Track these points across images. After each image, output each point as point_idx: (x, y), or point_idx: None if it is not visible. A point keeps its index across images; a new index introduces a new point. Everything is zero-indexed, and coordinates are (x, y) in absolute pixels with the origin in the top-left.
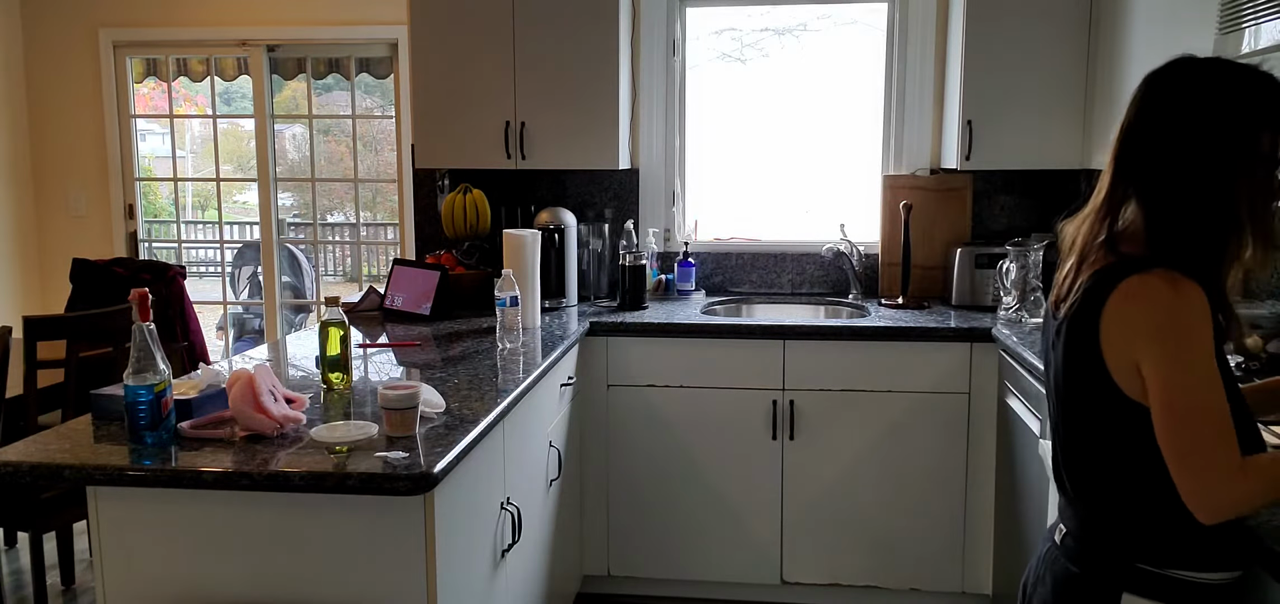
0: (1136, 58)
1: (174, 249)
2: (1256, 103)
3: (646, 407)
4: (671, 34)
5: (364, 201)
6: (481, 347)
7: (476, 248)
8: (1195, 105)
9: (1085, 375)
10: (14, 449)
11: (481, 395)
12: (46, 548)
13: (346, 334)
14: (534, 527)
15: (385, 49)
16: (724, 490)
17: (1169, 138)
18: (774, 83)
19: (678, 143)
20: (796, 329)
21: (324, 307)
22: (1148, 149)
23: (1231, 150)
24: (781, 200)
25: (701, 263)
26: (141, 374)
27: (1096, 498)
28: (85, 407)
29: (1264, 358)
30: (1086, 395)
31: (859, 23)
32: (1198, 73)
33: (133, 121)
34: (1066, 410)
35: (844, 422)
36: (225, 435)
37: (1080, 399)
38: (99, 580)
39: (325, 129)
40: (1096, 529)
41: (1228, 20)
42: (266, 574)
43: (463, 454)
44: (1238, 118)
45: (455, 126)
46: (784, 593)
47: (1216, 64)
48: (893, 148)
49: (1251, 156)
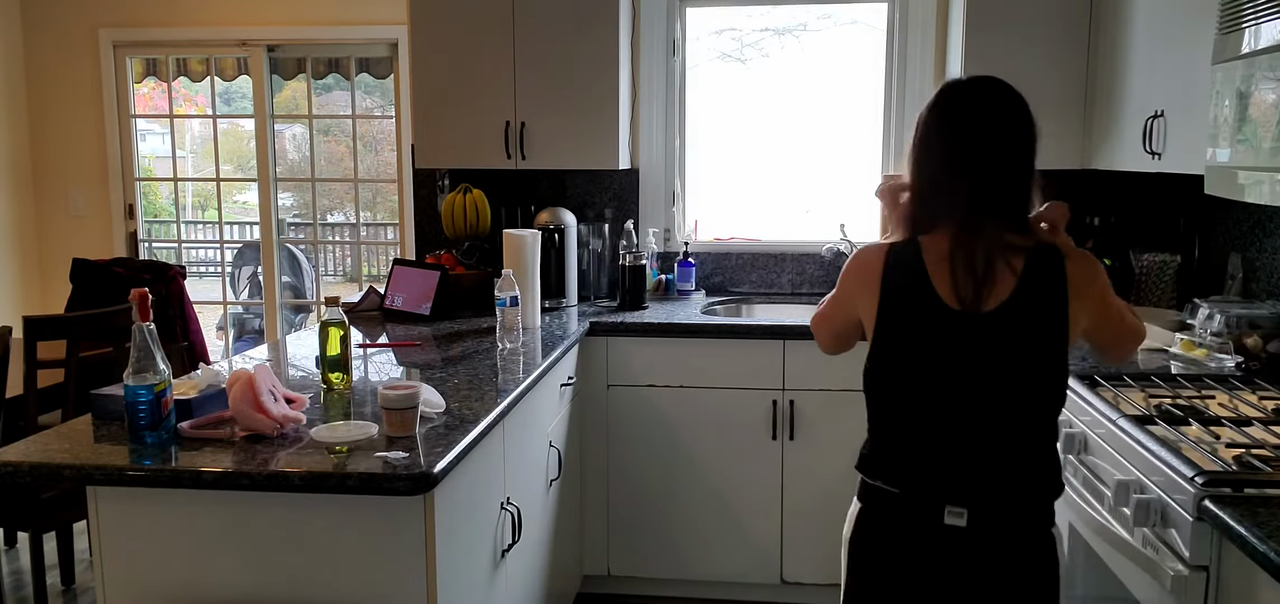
0: (1137, 58)
1: (174, 249)
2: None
3: (646, 407)
4: (671, 34)
5: (364, 201)
6: (481, 346)
7: (476, 248)
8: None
9: (1054, 339)
10: (14, 449)
11: (481, 395)
12: (46, 548)
13: (346, 334)
14: (534, 527)
15: (385, 49)
16: (724, 490)
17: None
18: (774, 83)
19: (678, 143)
20: (796, 329)
21: (324, 306)
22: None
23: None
24: (781, 200)
25: (701, 263)
26: (141, 374)
27: (1043, 446)
28: (85, 407)
29: (1264, 358)
30: (1055, 356)
31: (859, 23)
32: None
33: (133, 121)
34: (1038, 368)
35: (844, 422)
36: (225, 435)
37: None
38: (99, 580)
39: (325, 129)
40: (1046, 475)
41: (1228, 20)
42: (266, 574)
43: (463, 454)
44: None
45: (455, 126)
46: (784, 593)
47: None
48: (893, 148)
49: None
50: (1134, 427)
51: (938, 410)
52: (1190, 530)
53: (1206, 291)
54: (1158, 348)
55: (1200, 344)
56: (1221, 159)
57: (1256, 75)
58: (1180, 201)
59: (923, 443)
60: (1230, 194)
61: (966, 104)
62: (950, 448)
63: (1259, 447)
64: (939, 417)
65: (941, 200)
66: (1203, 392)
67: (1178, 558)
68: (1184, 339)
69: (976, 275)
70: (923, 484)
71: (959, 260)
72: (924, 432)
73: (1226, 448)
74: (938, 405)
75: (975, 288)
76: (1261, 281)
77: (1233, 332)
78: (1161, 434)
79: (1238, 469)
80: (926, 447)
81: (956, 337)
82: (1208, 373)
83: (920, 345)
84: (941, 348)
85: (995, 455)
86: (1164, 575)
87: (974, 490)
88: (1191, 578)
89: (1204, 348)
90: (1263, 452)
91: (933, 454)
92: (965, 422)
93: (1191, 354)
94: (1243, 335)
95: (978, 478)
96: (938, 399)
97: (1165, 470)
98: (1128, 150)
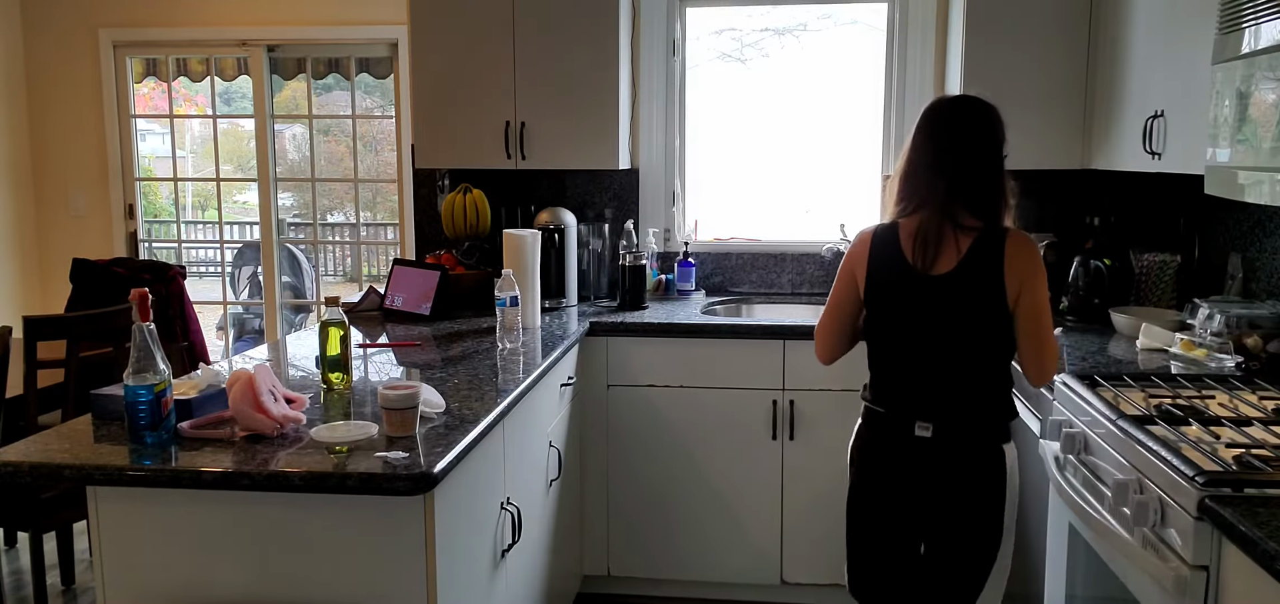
0: (1136, 58)
1: (174, 249)
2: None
3: (646, 407)
4: (671, 34)
5: (364, 201)
6: (481, 346)
7: (476, 248)
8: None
9: (993, 299)
10: (14, 449)
11: (481, 395)
12: (46, 548)
13: (346, 334)
14: (534, 527)
15: (385, 49)
16: (724, 490)
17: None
18: (774, 83)
19: (678, 143)
20: (796, 329)
21: (324, 306)
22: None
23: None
24: (781, 200)
25: (701, 263)
26: (141, 374)
27: (985, 385)
28: (85, 407)
29: (1264, 358)
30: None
31: (859, 23)
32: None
33: (133, 121)
34: (980, 325)
35: (844, 422)
36: (225, 435)
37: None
38: (99, 580)
39: (325, 129)
40: (993, 408)
41: (1228, 20)
42: (266, 574)
43: (463, 454)
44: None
45: (455, 126)
46: (784, 593)
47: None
48: (893, 148)
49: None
50: (1134, 427)
51: (908, 349)
52: (1190, 530)
53: (1206, 291)
54: (1158, 348)
55: (1200, 344)
56: (1221, 159)
57: (1256, 75)
58: (1180, 201)
59: (900, 374)
60: (1230, 194)
61: (947, 117)
62: (918, 378)
63: (1259, 447)
64: (909, 354)
65: (923, 192)
66: (1203, 391)
67: (1178, 558)
68: (1184, 339)
69: (927, 246)
70: (900, 404)
71: (918, 235)
72: (900, 365)
73: (1226, 448)
74: (908, 345)
75: (925, 255)
76: (1261, 281)
77: (1233, 331)
78: (1161, 434)
79: (1238, 469)
80: (902, 377)
81: (918, 293)
82: (1208, 373)
83: (895, 300)
84: (908, 302)
85: (951, 385)
86: (1164, 575)
87: (937, 411)
88: (1191, 578)
89: (1204, 348)
90: (1263, 452)
91: (907, 382)
92: (927, 358)
93: (1191, 354)
94: (1243, 335)
95: (939, 401)
96: (908, 340)
97: (1165, 470)
98: (1128, 150)
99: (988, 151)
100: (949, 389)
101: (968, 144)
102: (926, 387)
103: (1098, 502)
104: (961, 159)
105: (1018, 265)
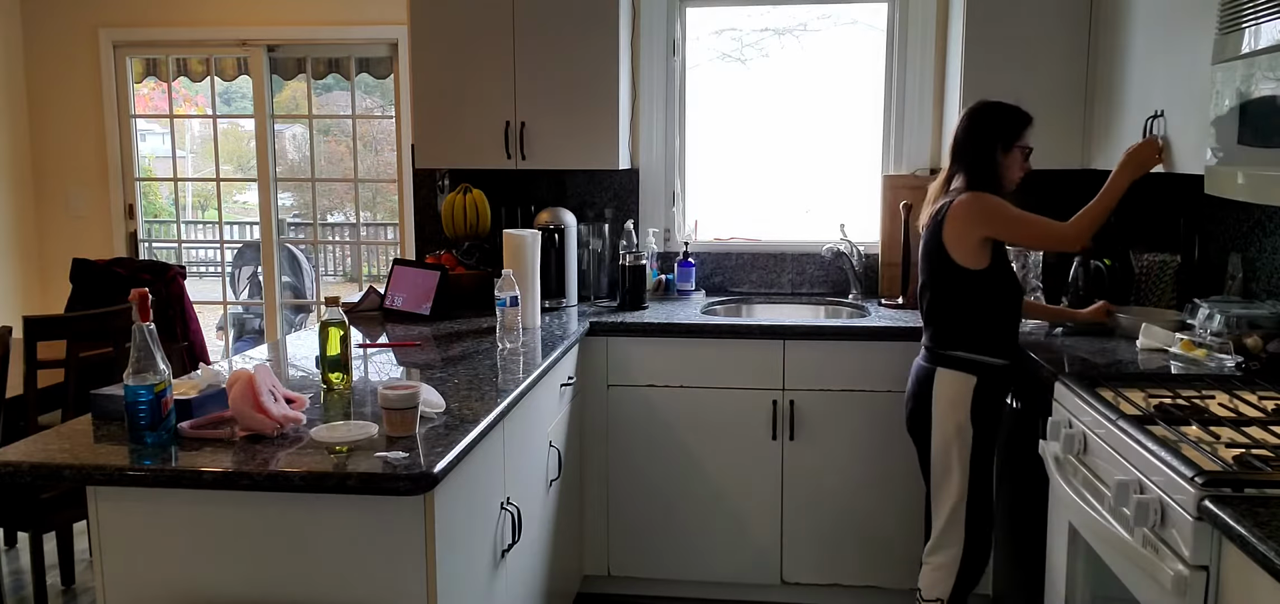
0: (1136, 58)
1: (174, 249)
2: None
3: (646, 407)
4: (671, 34)
5: (364, 201)
6: (481, 347)
7: (476, 248)
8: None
9: (940, 252)
10: (14, 449)
11: (481, 395)
12: (46, 548)
13: (346, 334)
14: (534, 527)
15: (385, 49)
16: (724, 490)
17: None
18: (774, 83)
19: (678, 143)
20: (796, 329)
21: (324, 306)
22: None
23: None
24: (781, 200)
25: (701, 263)
26: (141, 374)
27: (937, 322)
28: (85, 407)
29: (1264, 358)
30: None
31: (859, 23)
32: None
33: (133, 121)
34: (933, 275)
35: (844, 422)
36: (225, 435)
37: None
38: (99, 580)
39: (325, 129)
40: (935, 339)
41: (1228, 20)
42: (266, 574)
43: (463, 454)
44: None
45: (455, 126)
46: (784, 593)
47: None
48: (893, 148)
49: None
50: (1134, 427)
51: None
52: (1190, 530)
53: (1206, 291)
54: (1158, 348)
55: (1200, 344)
56: (1221, 159)
57: (1256, 75)
58: (1180, 201)
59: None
60: (1230, 194)
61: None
62: (923, 306)
63: (1259, 447)
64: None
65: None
66: (1203, 391)
67: (1178, 558)
68: (1184, 339)
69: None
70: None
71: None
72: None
73: (1226, 448)
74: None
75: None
76: (1261, 281)
77: (1233, 332)
78: (1161, 434)
79: (1238, 469)
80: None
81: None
82: (1208, 373)
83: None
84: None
85: (929, 314)
86: (1164, 575)
87: (929, 333)
88: (1191, 578)
89: (1204, 348)
90: (1263, 452)
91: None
92: (924, 290)
93: (1191, 354)
94: (1243, 335)
95: (928, 324)
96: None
97: (1165, 470)
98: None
99: (970, 137)
100: (929, 317)
101: (959, 136)
102: (925, 314)
103: (1098, 502)
104: (956, 146)
105: (954, 225)
